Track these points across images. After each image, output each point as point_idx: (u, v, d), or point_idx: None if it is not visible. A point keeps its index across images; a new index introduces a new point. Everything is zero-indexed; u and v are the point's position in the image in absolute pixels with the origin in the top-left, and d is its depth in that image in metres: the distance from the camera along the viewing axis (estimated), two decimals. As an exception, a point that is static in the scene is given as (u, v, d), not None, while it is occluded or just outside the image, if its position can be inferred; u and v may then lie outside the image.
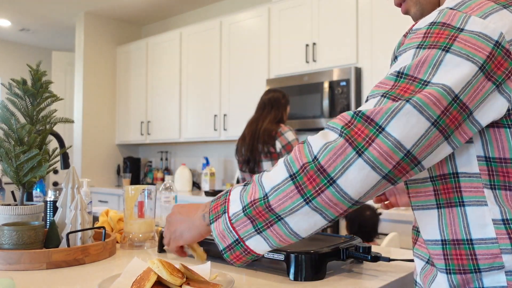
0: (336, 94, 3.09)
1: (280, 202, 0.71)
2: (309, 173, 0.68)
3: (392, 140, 0.66)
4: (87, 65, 4.95)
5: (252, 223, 0.74)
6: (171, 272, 0.86)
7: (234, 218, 0.75)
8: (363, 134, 0.67)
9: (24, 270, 1.11)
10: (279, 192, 0.71)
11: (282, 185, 0.71)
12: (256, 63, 3.72)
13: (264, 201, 0.72)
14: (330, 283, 1.02)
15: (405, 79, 0.70)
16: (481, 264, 0.72)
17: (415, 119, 0.66)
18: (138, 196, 1.44)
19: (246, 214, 0.74)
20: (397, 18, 2.93)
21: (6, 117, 1.23)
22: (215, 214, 0.79)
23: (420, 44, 0.71)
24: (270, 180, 0.73)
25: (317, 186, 0.68)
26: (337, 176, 0.67)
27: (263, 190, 0.73)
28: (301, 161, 0.69)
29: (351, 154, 0.66)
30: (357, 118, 0.68)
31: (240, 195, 0.76)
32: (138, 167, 5.17)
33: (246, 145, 2.74)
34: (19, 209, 1.23)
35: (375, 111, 0.67)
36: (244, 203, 0.75)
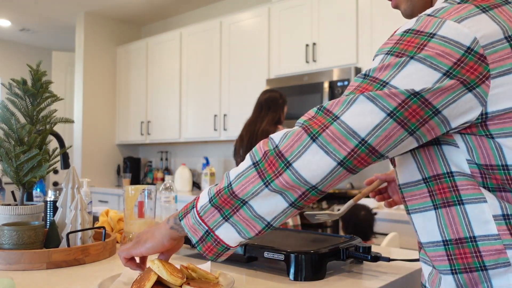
0: (336, 94, 3.09)
1: (242, 188, 0.76)
2: (269, 158, 0.73)
3: (345, 127, 0.69)
4: (87, 65, 4.95)
5: (219, 212, 0.79)
6: (171, 272, 0.86)
7: (202, 211, 0.80)
8: (319, 123, 0.71)
9: (24, 270, 1.11)
10: (242, 178, 0.76)
11: (245, 172, 0.76)
12: (256, 63, 3.72)
13: (228, 189, 0.77)
14: (330, 283, 1.02)
15: (368, 79, 0.73)
16: (487, 260, 0.72)
17: (368, 108, 0.69)
18: (138, 196, 1.44)
19: (213, 204, 0.79)
20: (397, 18, 2.93)
21: (6, 117, 1.23)
22: (183, 212, 0.83)
23: (389, 50, 0.74)
24: (236, 170, 0.78)
25: (276, 170, 0.73)
26: (293, 159, 0.71)
27: (228, 179, 0.78)
28: (263, 149, 0.75)
29: (306, 139, 0.71)
30: (319, 112, 0.73)
31: (209, 189, 0.81)
32: (138, 167, 5.17)
33: (244, 146, 2.75)
34: (19, 209, 1.23)
35: (334, 103, 0.72)
36: (211, 195, 0.79)
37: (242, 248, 1.13)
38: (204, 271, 0.92)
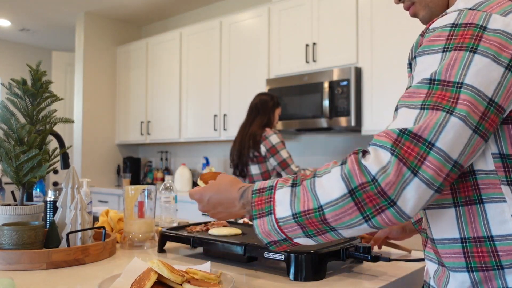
0: (336, 94, 3.09)
1: (337, 218, 0.71)
2: (369, 193, 0.69)
3: (442, 154, 0.67)
4: (87, 65, 4.95)
5: (302, 229, 0.75)
6: (171, 270, 0.86)
7: (282, 222, 0.76)
8: (414, 152, 0.68)
9: (24, 270, 1.11)
10: (336, 207, 0.71)
11: (340, 201, 0.70)
12: (256, 63, 3.72)
13: (319, 213, 0.72)
14: (330, 283, 1.02)
15: (438, 85, 0.70)
16: (504, 260, 0.73)
17: (461, 130, 0.68)
18: (138, 196, 1.44)
19: (297, 222, 0.74)
20: (397, 18, 2.93)
21: (6, 117, 1.23)
22: (258, 211, 0.79)
23: (445, 46, 0.72)
24: (325, 192, 0.72)
25: (377, 206, 0.69)
26: (396, 198, 0.68)
27: (317, 201, 0.73)
28: (360, 179, 0.69)
29: (406, 174, 0.67)
30: (404, 136, 0.69)
31: (290, 200, 0.75)
32: (138, 167, 5.17)
33: (236, 150, 2.79)
34: (19, 209, 1.23)
35: (421, 127, 0.68)
36: (295, 210, 0.74)
37: (242, 248, 1.13)
38: (205, 272, 0.92)
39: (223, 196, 0.89)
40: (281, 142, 2.69)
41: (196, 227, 1.40)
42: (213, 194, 0.91)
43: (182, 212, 3.70)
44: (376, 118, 3.00)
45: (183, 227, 1.42)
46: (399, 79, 2.91)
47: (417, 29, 2.81)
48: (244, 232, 1.35)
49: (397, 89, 2.91)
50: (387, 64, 2.97)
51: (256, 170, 2.70)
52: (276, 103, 2.84)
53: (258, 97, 2.86)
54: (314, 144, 3.76)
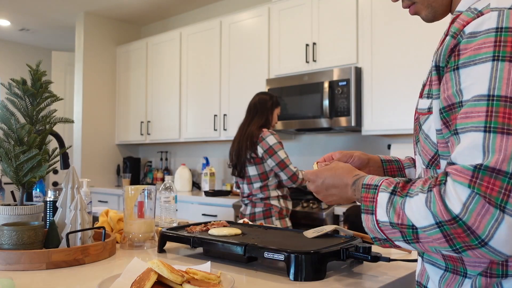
0: (336, 94, 3.08)
1: (427, 241, 0.71)
2: (457, 230, 0.66)
3: None
4: (87, 65, 4.95)
5: (401, 233, 0.74)
6: (171, 270, 0.86)
7: (382, 225, 0.76)
8: (497, 187, 0.64)
9: (24, 270, 1.11)
10: (426, 233, 0.70)
11: (429, 229, 0.69)
12: (256, 63, 3.72)
13: (412, 231, 0.72)
14: (330, 283, 1.01)
15: (499, 101, 0.65)
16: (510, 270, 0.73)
17: None
18: (138, 196, 1.44)
19: (394, 227, 0.75)
20: (397, 18, 2.93)
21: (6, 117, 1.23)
22: (365, 207, 0.80)
23: (495, 55, 0.67)
24: (415, 218, 0.71)
25: (467, 243, 0.66)
26: (488, 238, 0.64)
27: (409, 220, 0.72)
28: (445, 216, 0.66)
29: (495, 213, 0.63)
30: (481, 171, 0.65)
31: (387, 208, 0.75)
32: (138, 167, 5.16)
33: (234, 150, 2.79)
34: (19, 209, 1.23)
35: (499, 160, 0.64)
36: (391, 220, 0.75)
37: (242, 248, 1.13)
38: (205, 273, 0.92)
39: (338, 179, 0.91)
40: (278, 142, 2.68)
41: (196, 227, 1.40)
42: (329, 176, 0.92)
43: (182, 212, 3.70)
44: (376, 118, 3.00)
45: (183, 227, 1.42)
46: (399, 79, 2.91)
47: (417, 29, 2.81)
48: (244, 232, 1.35)
49: (397, 89, 2.91)
50: (387, 64, 2.97)
51: (253, 171, 2.69)
52: (275, 102, 2.83)
53: (257, 96, 2.86)
54: (314, 144, 3.76)
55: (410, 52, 2.86)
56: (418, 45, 2.83)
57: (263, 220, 2.64)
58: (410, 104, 2.84)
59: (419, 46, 2.83)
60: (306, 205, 2.92)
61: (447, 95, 0.73)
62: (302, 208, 2.92)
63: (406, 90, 2.87)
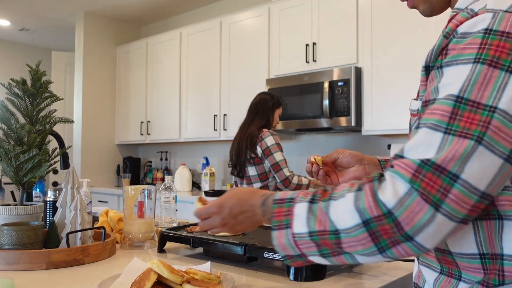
0: (336, 94, 3.08)
1: (350, 245, 0.68)
2: (384, 226, 0.65)
3: (468, 186, 0.62)
4: (87, 65, 4.95)
5: (317, 247, 0.72)
6: (171, 270, 0.86)
7: (298, 238, 0.73)
8: (437, 185, 0.62)
9: (24, 270, 1.10)
10: (350, 236, 0.68)
11: (353, 230, 0.67)
12: (256, 63, 3.72)
13: (334, 236, 0.69)
14: (330, 283, 1.01)
15: (466, 105, 0.64)
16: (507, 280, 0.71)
17: (488, 160, 0.62)
18: (138, 196, 1.44)
19: (313, 240, 0.71)
20: (397, 18, 2.93)
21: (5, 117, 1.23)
22: (278, 222, 0.76)
23: (476, 57, 0.65)
24: (339, 219, 0.69)
25: (393, 239, 0.65)
26: (415, 234, 0.64)
27: (333, 225, 0.69)
28: (375, 211, 0.65)
29: (429, 211, 0.62)
30: (425, 167, 0.63)
31: (307, 216, 0.72)
32: (138, 167, 5.16)
33: (234, 150, 2.78)
34: (19, 209, 1.23)
35: (447, 158, 0.63)
36: (311, 229, 0.71)
37: (242, 248, 1.13)
38: (205, 273, 0.92)
39: (244, 203, 0.85)
40: (276, 144, 2.67)
41: (196, 227, 1.40)
42: (234, 203, 0.86)
43: (182, 212, 3.70)
44: (376, 118, 3.00)
45: (183, 227, 1.42)
46: (399, 79, 2.91)
47: (417, 29, 2.81)
48: (244, 232, 1.35)
49: (397, 89, 2.91)
50: (387, 64, 2.97)
51: (253, 171, 2.69)
52: (276, 102, 2.83)
53: (258, 96, 2.86)
54: (314, 144, 3.76)
55: (410, 52, 2.86)
56: (418, 45, 2.83)
57: None
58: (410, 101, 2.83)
59: (419, 46, 2.82)
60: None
61: (428, 92, 0.72)
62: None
63: (406, 90, 2.87)
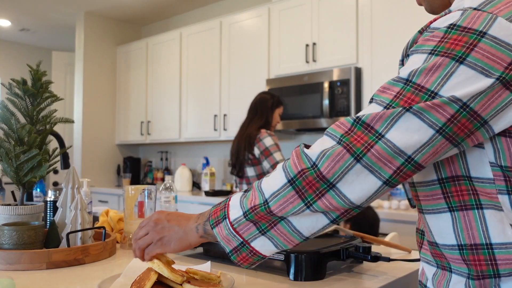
0: (336, 94, 3.09)
1: (281, 207, 0.72)
2: (308, 178, 0.69)
3: (391, 146, 0.65)
4: (87, 65, 4.95)
5: (255, 225, 0.75)
6: (172, 270, 0.86)
7: (236, 223, 0.76)
8: (362, 141, 0.67)
9: (24, 270, 1.11)
10: (279, 197, 0.72)
11: (281, 190, 0.71)
12: (256, 63, 3.72)
13: (264, 207, 0.73)
14: (330, 283, 1.02)
15: (411, 87, 0.67)
16: (501, 269, 0.70)
17: (416, 126, 0.65)
18: (138, 196, 1.44)
19: (248, 219, 0.75)
20: (397, 18, 2.93)
21: (6, 117, 1.23)
22: (215, 219, 0.79)
23: (433, 49, 0.68)
24: (269, 186, 0.73)
25: (317, 190, 0.69)
26: (336, 180, 0.68)
27: (263, 196, 0.74)
28: (299, 166, 0.70)
29: (349, 159, 0.67)
30: (357, 126, 0.68)
31: (240, 201, 0.77)
32: (138, 167, 5.16)
33: (234, 150, 2.78)
34: (19, 209, 1.23)
35: (375, 118, 0.67)
36: (245, 209, 0.75)
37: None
38: (205, 273, 0.92)
39: (181, 214, 0.87)
40: (275, 144, 2.65)
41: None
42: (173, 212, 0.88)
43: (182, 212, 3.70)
44: (376, 118, 3.00)
45: (183, 227, 1.42)
46: (399, 79, 2.91)
47: (417, 28, 2.81)
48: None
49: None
50: (387, 64, 2.97)
51: (252, 172, 2.69)
52: (276, 102, 2.81)
53: (259, 95, 2.85)
54: (314, 144, 3.76)
55: (410, 52, 2.86)
56: (418, 45, 2.83)
57: None
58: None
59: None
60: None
61: None
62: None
63: (406, 90, 2.87)
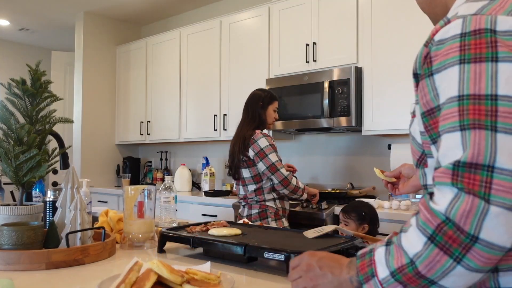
0: (336, 94, 3.08)
1: (428, 268, 0.69)
2: (448, 233, 0.67)
3: (507, 172, 0.65)
4: (87, 65, 4.95)
5: (403, 285, 0.73)
6: (171, 271, 0.86)
7: (385, 283, 0.74)
8: (477, 181, 0.65)
9: (24, 270, 1.10)
10: (423, 257, 0.69)
11: (424, 250, 0.69)
12: (256, 63, 3.72)
13: (412, 268, 0.71)
14: (330, 284, 1.01)
15: (468, 99, 0.69)
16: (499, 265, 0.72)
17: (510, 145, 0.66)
18: (137, 196, 1.44)
19: (397, 280, 0.73)
20: (397, 18, 2.93)
21: (5, 117, 1.23)
22: (364, 275, 0.77)
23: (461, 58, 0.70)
24: (411, 246, 0.71)
25: (462, 244, 0.66)
26: (476, 231, 0.65)
27: (407, 256, 0.71)
28: (434, 222, 0.68)
29: (480, 206, 0.65)
30: (460, 168, 0.67)
31: (386, 258, 0.75)
32: (138, 167, 5.16)
33: (230, 151, 2.72)
34: (19, 209, 1.22)
35: (474, 155, 0.66)
36: (391, 269, 0.73)
37: (242, 248, 1.12)
38: (205, 273, 0.92)
39: (333, 258, 0.86)
40: (270, 145, 2.55)
41: (196, 227, 1.39)
42: (325, 255, 0.86)
43: (182, 212, 3.70)
44: (377, 118, 3.00)
45: (183, 227, 1.42)
46: (399, 79, 2.90)
47: (417, 29, 2.81)
48: (244, 232, 1.35)
49: (397, 89, 2.91)
50: (387, 64, 2.97)
51: (247, 173, 2.62)
52: (269, 97, 2.68)
53: (251, 93, 2.75)
54: (314, 144, 3.76)
55: (410, 52, 2.86)
56: (418, 45, 2.83)
57: (260, 221, 2.58)
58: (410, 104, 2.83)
59: (419, 46, 2.82)
60: (306, 205, 2.92)
61: (426, 100, 0.78)
62: (302, 208, 2.92)
63: (406, 90, 2.86)
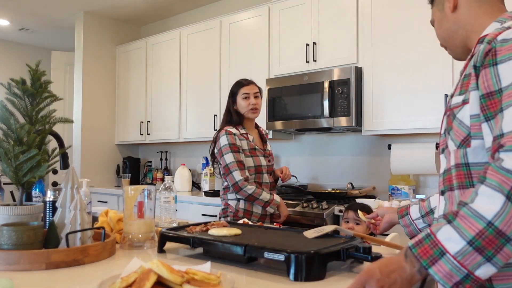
0: (336, 94, 3.08)
1: (509, 224, 0.77)
2: None
3: None
4: (87, 64, 4.95)
5: (480, 254, 0.78)
6: (171, 271, 0.86)
7: (460, 255, 0.79)
8: None
9: (24, 270, 1.10)
10: (504, 216, 0.77)
11: (504, 209, 0.77)
12: (256, 63, 3.72)
13: (492, 229, 0.78)
14: (330, 283, 1.01)
15: None
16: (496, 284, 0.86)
17: None
18: (137, 196, 1.44)
19: (475, 247, 0.78)
20: (397, 18, 2.93)
21: (5, 117, 1.22)
22: (428, 259, 0.82)
23: None
24: (487, 209, 0.79)
25: None
26: None
27: (482, 221, 0.79)
28: (509, 182, 0.78)
29: None
30: None
31: (457, 232, 0.80)
32: (138, 167, 5.16)
33: None
34: (18, 210, 1.22)
35: None
36: (468, 238, 0.79)
37: (242, 248, 1.12)
38: (205, 273, 0.92)
39: (390, 263, 0.87)
40: (229, 144, 2.38)
41: (196, 227, 1.39)
42: (380, 264, 0.88)
43: (182, 212, 3.70)
44: (376, 118, 3.00)
45: (182, 227, 1.42)
46: (399, 79, 2.90)
47: (417, 29, 2.81)
48: (244, 232, 1.35)
49: (397, 89, 2.91)
50: (387, 64, 2.97)
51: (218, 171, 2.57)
52: (234, 88, 2.57)
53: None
54: (314, 144, 3.76)
55: (410, 52, 2.86)
56: (418, 45, 2.83)
57: (223, 218, 2.49)
58: (411, 104, 2.83)
59: (419, 46, 2.82)
60: (306, 205, 2.92)
61: (487, 85, 0.91)
62: (302, 208, 2.92)
63: (406, 90, 2.86)
